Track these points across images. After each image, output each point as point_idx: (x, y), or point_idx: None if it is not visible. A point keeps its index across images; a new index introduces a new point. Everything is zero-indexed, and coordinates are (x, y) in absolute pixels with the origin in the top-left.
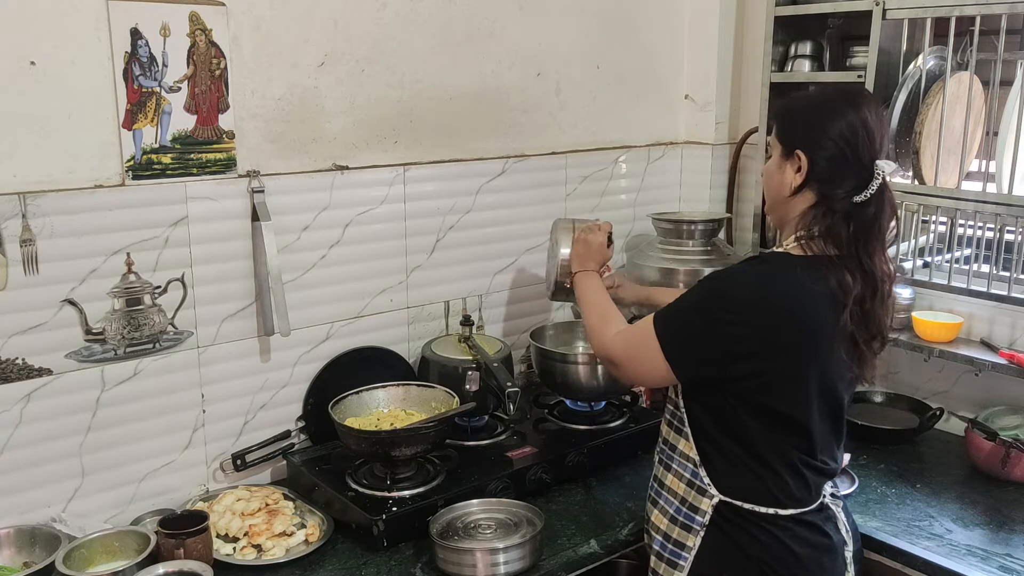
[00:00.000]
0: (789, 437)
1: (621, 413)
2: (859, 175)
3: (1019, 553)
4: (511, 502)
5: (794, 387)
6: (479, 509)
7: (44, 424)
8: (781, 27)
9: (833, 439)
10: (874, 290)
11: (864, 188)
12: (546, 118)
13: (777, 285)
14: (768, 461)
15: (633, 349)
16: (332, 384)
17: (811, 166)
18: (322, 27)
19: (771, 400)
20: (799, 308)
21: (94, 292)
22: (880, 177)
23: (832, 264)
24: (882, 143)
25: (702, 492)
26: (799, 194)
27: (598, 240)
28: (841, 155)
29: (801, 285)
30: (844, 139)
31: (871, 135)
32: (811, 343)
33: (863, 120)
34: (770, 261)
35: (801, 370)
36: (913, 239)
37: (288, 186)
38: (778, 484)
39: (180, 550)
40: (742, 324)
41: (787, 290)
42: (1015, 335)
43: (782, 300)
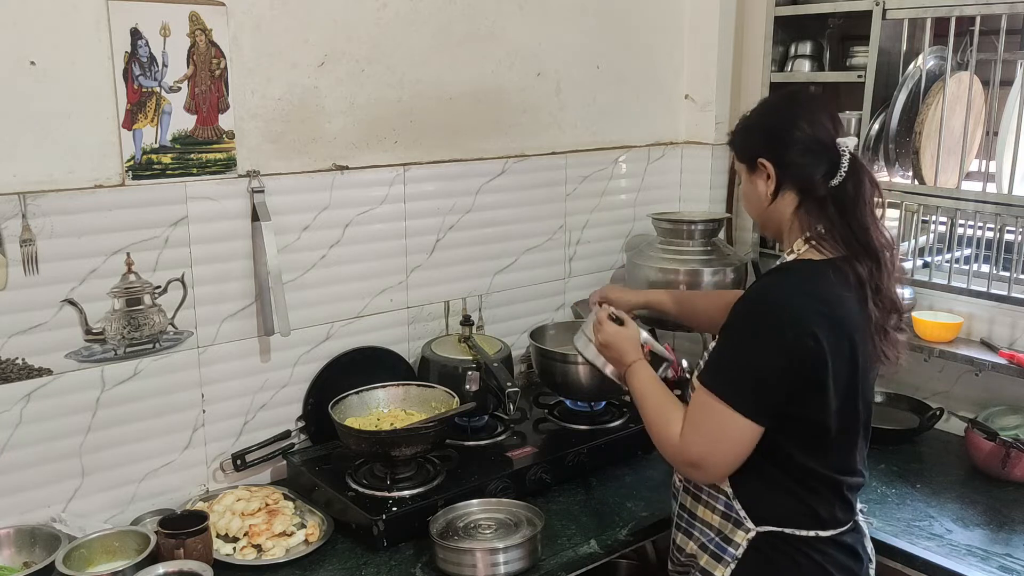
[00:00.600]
0: (832, 453)
1: (621, 413)
2: (827, 160)
3: (1019, 553)
4: (511, 502)
5: (847, 398)
6: (479, 509)
7: (44, 424)
8: (781, 27)
9: (866, 447)
10: (879, 265)
11: (836, 170)
12: (546, 118)
13: (821, 292)
14: (809, 481)
15: (703, 435)
16: (332, 384)
17: (776, 168)
18: (322, 27)
19: (825, 416)
20: (845, 314)
21: (94, 292)
22: (847, 152)
23: (847, 261)
24: (835, 124)
25: (738, 524)
26: (778, 199)
27: (612, 332)
28: (799, 146)
29: (836, 290)
30: (796, 130)
31: (819, 118)
32: (860, 348)
33: (807, 108)
34: (799, 270)
35: (857, 379)
36: (913, 239)
37: (288, 186)
38: (821, 503)
39: (180, 550)
40: (807, 337)
41: (830, 296)
42: (1015, 335)
43: (831, 308)
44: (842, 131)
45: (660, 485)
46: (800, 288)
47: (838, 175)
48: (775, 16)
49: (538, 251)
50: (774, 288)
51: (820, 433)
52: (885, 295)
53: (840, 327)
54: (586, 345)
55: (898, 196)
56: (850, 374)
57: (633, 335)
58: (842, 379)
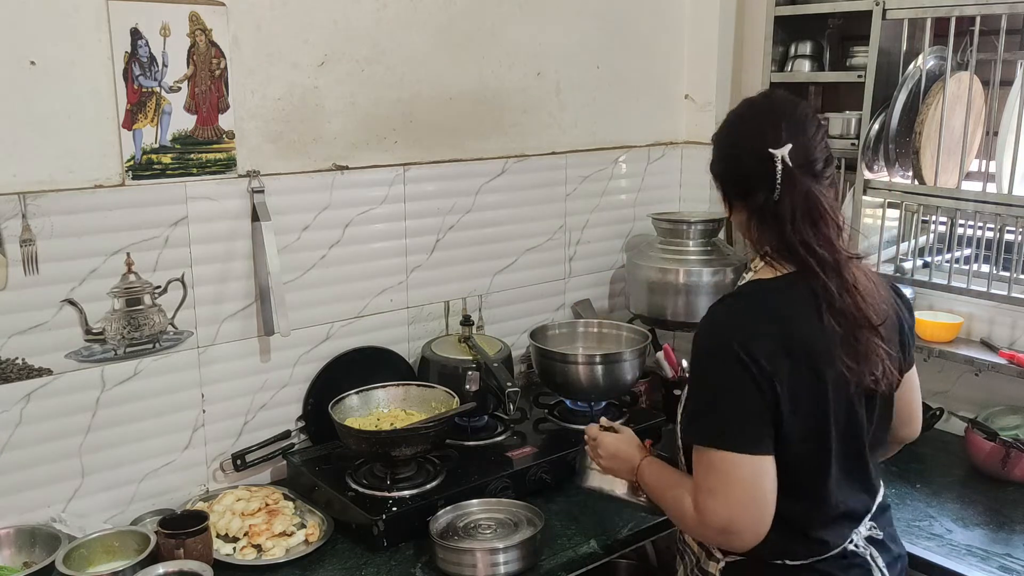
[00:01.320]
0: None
1: (621, 413)
2: (764, 172)
3: (1019, 553)
4: (511, 502)
5: (814, 423)
6: (479, 509)
7: (44, 424)
8: (781, 27)
9: (856, 479)
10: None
11: (774, 184)
12: (546, 118)
13: (769, 312)
14: (783, 518)
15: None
16: (332, 384)
17: (720, 184)
18: (322, 27)
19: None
20: (799, 331)
21: (94, 292)
22: (779, 163)
23: (800, 276)
24: (775, 131)
25: (710, 555)
26: (733, 212)
27: (611, 441)
28: (732, 158)
29: (788, 309)
30: (731, 144)
31: (761, 129)
32: (827, 367)
33: (748, 118)
34: (748, 293)
35: (827, 401)
36: (913, 239)
37: (288, 186)
38: (783, 543)
39: (180, 550)
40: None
41: (779, 315)
42: (1015, 335)
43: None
44: (787, 136)
45: None
46: (744, 311)
47: (776, 189)
48: (775, 16)
49: (538, 251)
50: (718, 315)
51: (782, 463)
52: (843, 310)
53: (794, 345)
54: (591, 475)
55: (898, 196)
56: (814, 396)
57: (631, 437)
58: (803, 402)
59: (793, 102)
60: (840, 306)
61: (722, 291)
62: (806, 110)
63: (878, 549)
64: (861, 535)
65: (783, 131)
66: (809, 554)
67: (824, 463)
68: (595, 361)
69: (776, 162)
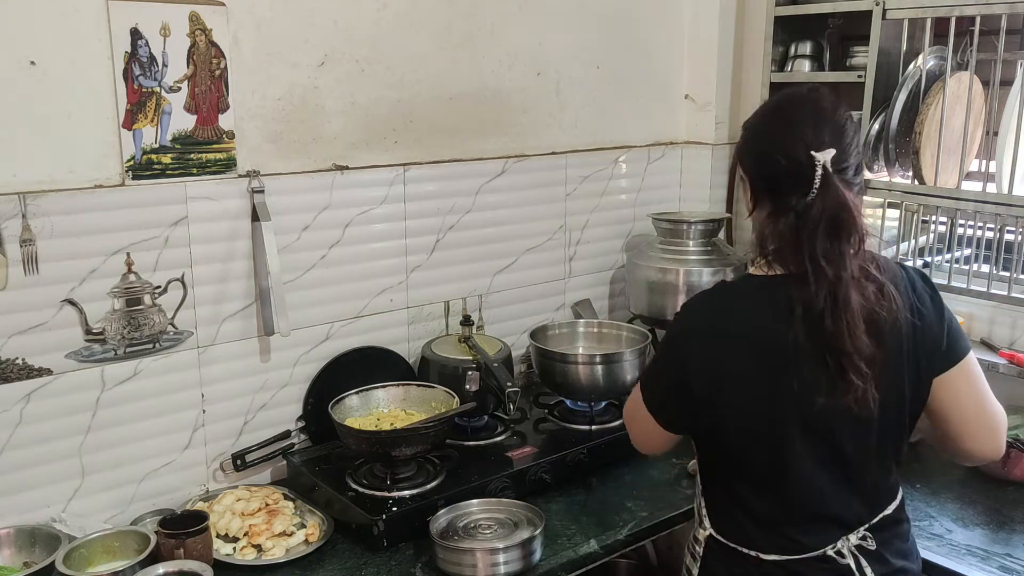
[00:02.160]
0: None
1: (621, 413)
2: (802, 173)
3: (1019, 553)
4: (511, 502)
5: (772, 426)
6: (479, 509)
7: (44, 424)
8: (781, 27)
9: (845, 487)
10: (818, 298)
11: (811, 186)
12: (546, 118)
13: (724, 308)
14: (752, 510)
15: (629, 413)
16: (332, 384)
17: (751, 177)
18: (322, 27)
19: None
20: (759, 334)
21: (94, 292)
22: (820, 168)
23: (787, 279)
24: (817, 133)
25: (700, 523)
26: (756, 210)
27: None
28: (769, 157)
29: (757, 310)
30: (771, 139)
31: (800, 129)
32: (790, 373)
33: (788, 117)
34: (727, 287)
35: (785, 407)
36: (913, 239)
37: (288, 186)
38: (753, 532)
39: (180, 550)
40: (698, 355)
41: (733, 314)
42: (1015, 335)
43: (739, 326)
44: (828, 140)
45: (660, 485)
46: (710, 304)
47: (810, 192)
48: (775, 16)
49: (538, 251)
50: (689, 305)
51: (735, 458)
52: (819, 329)
53: (755, 345)
54: None
55: (898, 196)
56: (766, 396)
57: None
58: (750, 400)
59: (835, 104)
60: (817, 323)
61: None
62: (846, 113)
63: (869, 559)
64: (850, 543)
65: (826, 134)
66: (783, 551)
67: (782, 465)
68: (595, 361)
69: (817, 166)
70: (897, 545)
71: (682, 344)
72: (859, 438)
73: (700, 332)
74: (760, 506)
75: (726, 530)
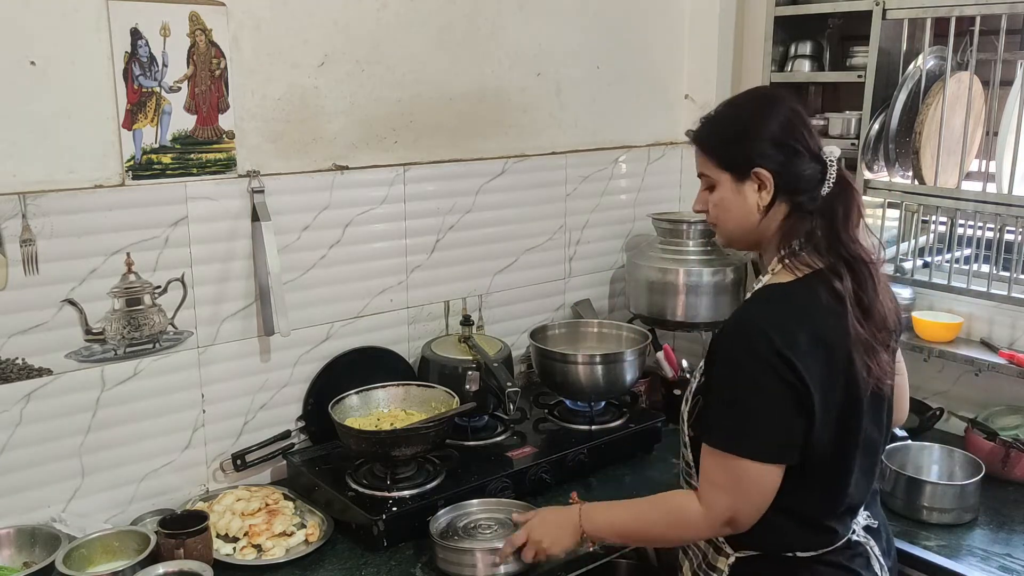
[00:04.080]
0: (819, 483)
1: (621, 413)
2: (815, 169)
3: (1019, 553)
4: (511, 502)
5: (845, 422)
6: (479, 509)
7: (44, 424)
8: (781, 27)
9: (869, 473)
10: (862, 280)
11: (823, 180)
12: (546, 118)
13: (798, 312)
14: (784, 512)
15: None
16: (332, 384)
17: (778, 178)
18: (322, 27)
19: (814, 442)
20: (828, 331)
21: (94, 292)
22: (833, 163)
23: (821, 277)
24: (814, 134)
25: (719, 551)
26: (773, 210)
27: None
28: (795, 156)
29: (813, 309)
30: (791, 139)
31: (807, 125)
32: (855, 366)
33: (795, 112)
34: (773, 295)
35: (859, 400)
36: (913, 239)
37: (288, 186)
38: (795, 534)
39: (180, 550)
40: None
41: (809, 315)
42: (1015, 335)
43: (814, 326)
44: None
45: (660, 485)
46: (777, 312)
47: (826, 185)
48: (775, 16)
49: (538, 251)
50: (752, 317)
51: (805, 462)
52: (872, 310)
53: (825, 345)
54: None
55: (898, 196)
56: (847, 395)
57: (547, 508)
58: (836, 402)
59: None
60: (868, 307)
61: (722, 291)
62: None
63: (874, 537)
64: (860, 524)
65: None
66: (819, 545)
67: (850, 461)
68: (595, 361)
69: (831, 163)
70: (880, 516)
71: (777, 352)
72: (881, 417)
73: (796, 334)
74: (808, 506)
75: (759, 542)
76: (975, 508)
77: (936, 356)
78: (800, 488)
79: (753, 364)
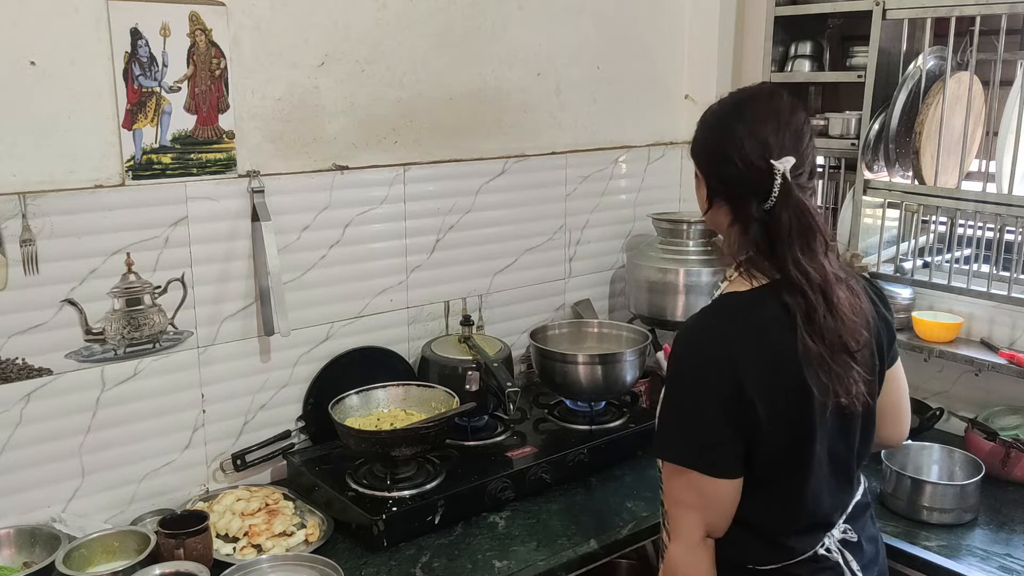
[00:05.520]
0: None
1: (621, 413)
2: (759, 181)
3: (1019, 553)
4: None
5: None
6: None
7: (44, 424)
8: (781, 27)
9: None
10: (811, 301)
11: (769, 194)
12: (546, 118)
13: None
14: (741, 525)
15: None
16: (332, 384)
17: (706, 179)
18: (322, 27)
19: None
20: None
21: (94, 292)
22: (779, 177)
23: (774, 288)
24: (778, 139)
25: None
26: (712, 210)
27: None
28: (727, 163)
29: (763, 322)
30: (728, 144)
31: (760, 133)
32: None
33: (749, 119)
34: (723, 306)
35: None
36: (913, 239)
37: (288, 186)
38: (752, 548)
39: (180, 550)
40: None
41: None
42: (1015, 335)
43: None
44: (788, 147)
45: (660, 485)
46: (723, 324)
47: (770, 200)
48: (775, 16)
49: (538, 251)
50: (697, 329)
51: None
52: (823, 329)
53: (773, 357)
54: None
55: (898, 196)
56: (798, 410)
57: None
58: (784, 415)
59: (793, 107)
60: (820, 326)
61: None
62: (802, 116)
63: (853, 551)
64: (834, 538)
65: (786, 141)
66: (777, 559)
67: (802, 477)
68: (595, 361)
69: (776, 175)
70: (870, 532)
71: (722, 372)
72: (850, 435)
73: (744, 351)
74: (767, 520)
75: (719, 554)
76: (975, 508)
77: (936, 356)
78: (755, 501)
79: (696, 380)
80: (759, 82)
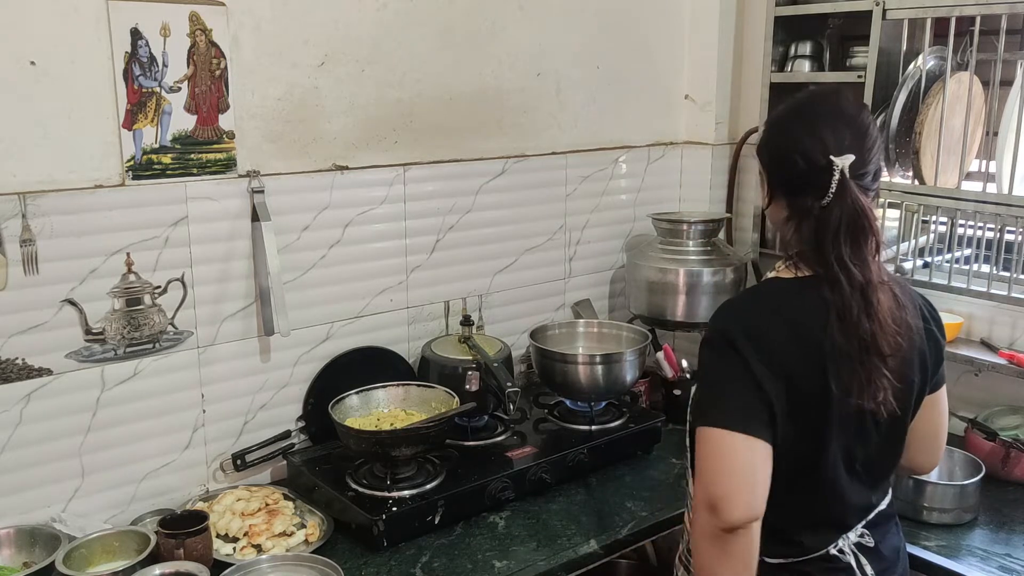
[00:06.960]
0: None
1: (621, 413)
2: (816, 178)
3: (1019, 553)
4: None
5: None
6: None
7: (44, 424)
8: (781, 27)
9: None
10: (848, 299)
11: (827, 190)
12: (546, 118)
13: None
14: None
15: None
16: (332, 384)
17: (768, 175)
18: (322, 27)
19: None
20: (809, 333)
21: (94, 292)
22: (837, 173)
23: (816, 281)
24: (837, 136)
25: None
26: (772, 206)
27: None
28: (787, 160)
29: (801, 311)
30: (789, 142)
31: (818, 130)
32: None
33: (808, 117)
34: (762, 291)
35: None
36: (913, 239)
37: (288, 186)
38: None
39: (180, 550)
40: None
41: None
42: (1015, 335)
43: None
44: (849, 144)
45: (660, 485)
46: (751, 304)
47: (826, 197)
48: (775, 16)
49: (538, 251)
50: (726, 308)
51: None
52: (855, 332)
53: (801, 344)
54: None
55: (898, 196)
56: (817, 399)
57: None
58: (802, 403)
59: (859, 107)
60: (853, 326)
61: (722, 291)
62: (868, 116)
63: (868, 556)
64: (850, 541)
65: (846, 138)
66: (787, 554)
67: (814, 471)
68: (595, 361)
69: (835, 171)
70: (892, 542)
71: (739, 345)
72: (874, 440)
73: (769, 331)
74: (778, 513)
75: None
76: (975, 508)
77: None
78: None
79: (717, 351)
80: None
